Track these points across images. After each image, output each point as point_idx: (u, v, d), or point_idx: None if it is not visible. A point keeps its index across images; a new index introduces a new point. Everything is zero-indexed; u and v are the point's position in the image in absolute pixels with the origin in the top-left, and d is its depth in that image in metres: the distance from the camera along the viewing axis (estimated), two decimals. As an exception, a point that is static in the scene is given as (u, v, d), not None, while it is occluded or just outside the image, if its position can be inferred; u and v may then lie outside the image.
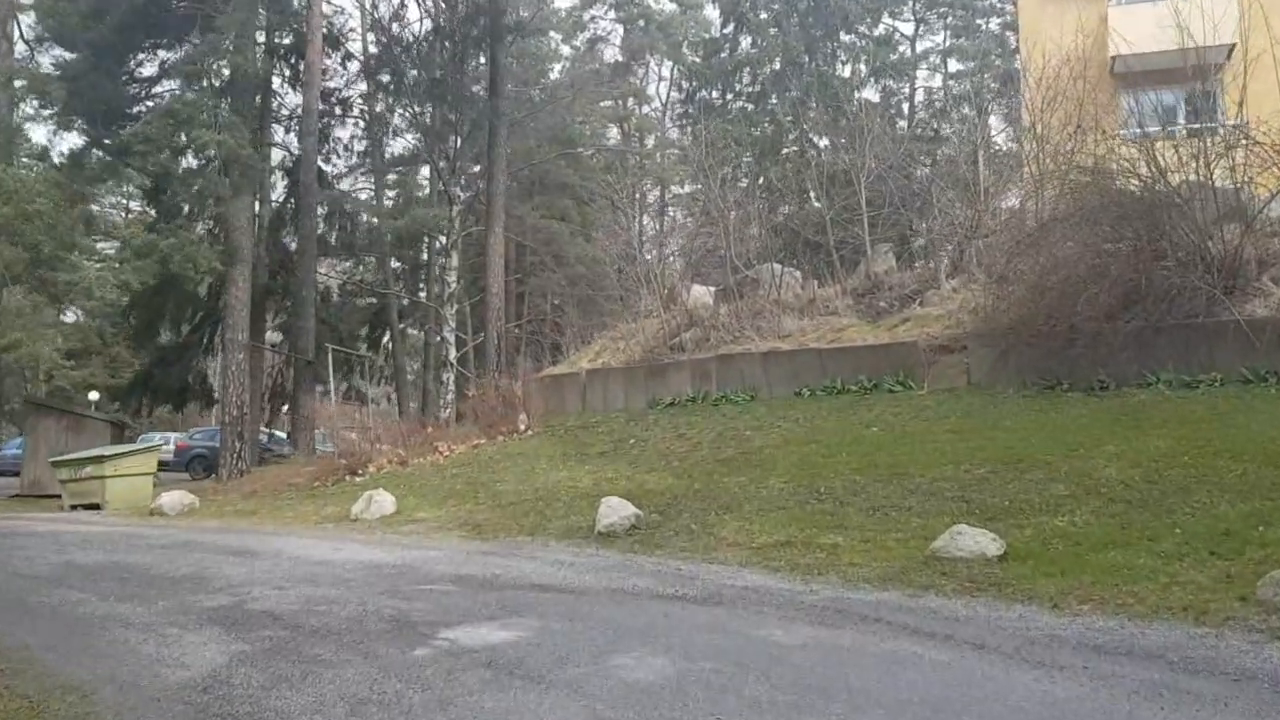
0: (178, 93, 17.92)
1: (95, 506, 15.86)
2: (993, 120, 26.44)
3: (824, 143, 34.27)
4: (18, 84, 19.36)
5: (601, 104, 45.91)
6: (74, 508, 16.09)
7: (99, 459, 15.97)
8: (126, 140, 17.39)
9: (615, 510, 10.00)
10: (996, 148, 24.72)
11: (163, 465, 40.20)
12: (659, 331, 19.90)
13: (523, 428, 17.34)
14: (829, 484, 10.33)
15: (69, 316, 58.31)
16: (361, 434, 17.78)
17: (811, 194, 27.56)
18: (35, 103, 20.21)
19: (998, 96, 30.43)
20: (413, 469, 15.49)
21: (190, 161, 21.33)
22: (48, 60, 20.75)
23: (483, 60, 28.02)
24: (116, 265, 30.00)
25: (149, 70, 21.72)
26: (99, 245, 55.15)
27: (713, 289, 22.97)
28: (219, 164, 18.12)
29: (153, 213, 23.74)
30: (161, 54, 21.06)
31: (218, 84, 19.88)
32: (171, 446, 39.91)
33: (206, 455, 30.01)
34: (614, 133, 49.54)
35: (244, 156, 18.40)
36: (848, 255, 20.80)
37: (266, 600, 7.14)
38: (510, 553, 9.20)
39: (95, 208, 60.50)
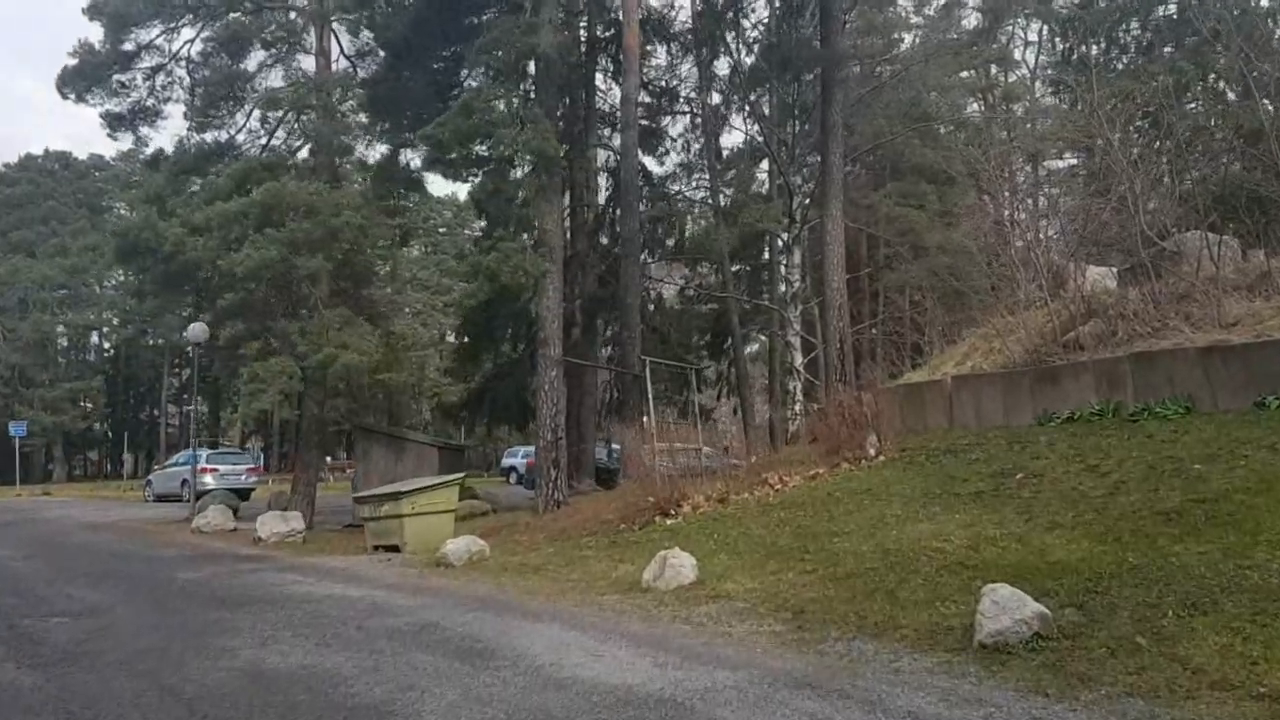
0: (475, 87, 16.35)
1: (394, 548, 14.33)
2: None
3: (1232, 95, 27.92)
4: (334, 96, 18.70)
5: (960, 74, 41.22)
6: (376, 548, 14.68)
7: (395, 496, 14.43)
8: (422, 142, 16.01)
9: (1006, 608, 6.44)
10: None
11: (519, 479, 40.97)
12: (1046, 326, 15.78)
13: (872, 452, 13.92)
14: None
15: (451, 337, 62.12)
16: (675, 463, 15.14)
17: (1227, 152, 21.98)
18: (348, 114, 19.54)
19: None
20: (734, 508, 12.55)
21: (518, 172, 20.08)
22: (364, 74, 20.26)
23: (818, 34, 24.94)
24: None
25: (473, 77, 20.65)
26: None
27: (1113, 269, 18.48)
28: (526, 163, 16.29)
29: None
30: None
31: (521, 77, 18.17)
32: (523, 463, 40.27)
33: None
34: (975, 106, 44.48)
35: (548, 151, 16.45)
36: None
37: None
38: (839, 682, 5.93)
39: (468, 232, 64.03)
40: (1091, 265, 18.48)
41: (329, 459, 50.87)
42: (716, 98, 30.35)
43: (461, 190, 70.71)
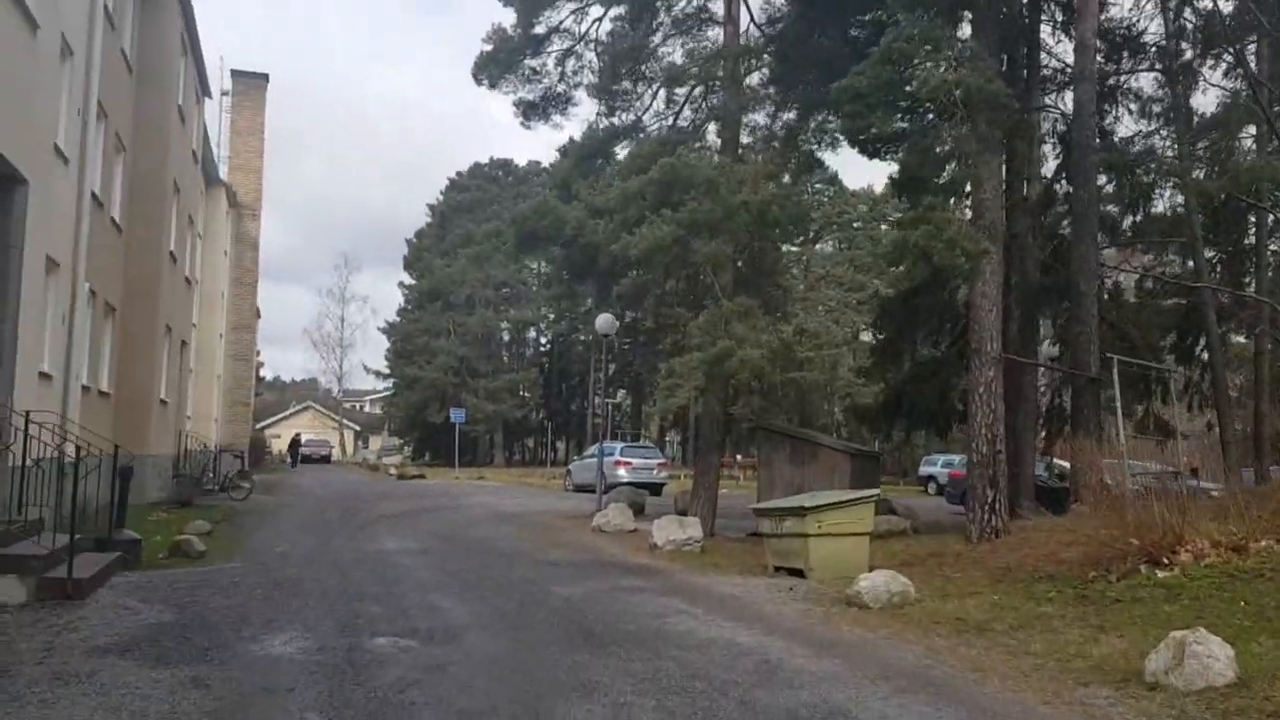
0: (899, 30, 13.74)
1: (798, 572, 12.19)
2: None
3: None
4: (742, 66, 16.95)
5: None
6: (777, 570, 12.63)
7: (799, 512, 12.26)
8: (837, 99, 13.68)
9: None
10: None
11: (939, 490, 37.46)
12: None
13: None
14: None
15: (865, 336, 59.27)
16: (1163, 488, 11.61)
17: None
18: (757, 88, 17.79)
19: None
20: (1259, 561, 9.06)
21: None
22: (772, 42, 18.33)
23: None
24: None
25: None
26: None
27: None
28: (959, 109, 13.44)
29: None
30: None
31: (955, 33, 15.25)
32: (944, 472, 36.78)
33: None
34: None
35: (990, 93, 13.54)
36: None
37: None
38: None
39: (884, 227, 60.72)
40: None
41: (738, 456, 50.24)
42: (1188, 52, 25.30)
43: (878, 179, 67.69)
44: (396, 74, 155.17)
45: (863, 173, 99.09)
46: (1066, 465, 26.52)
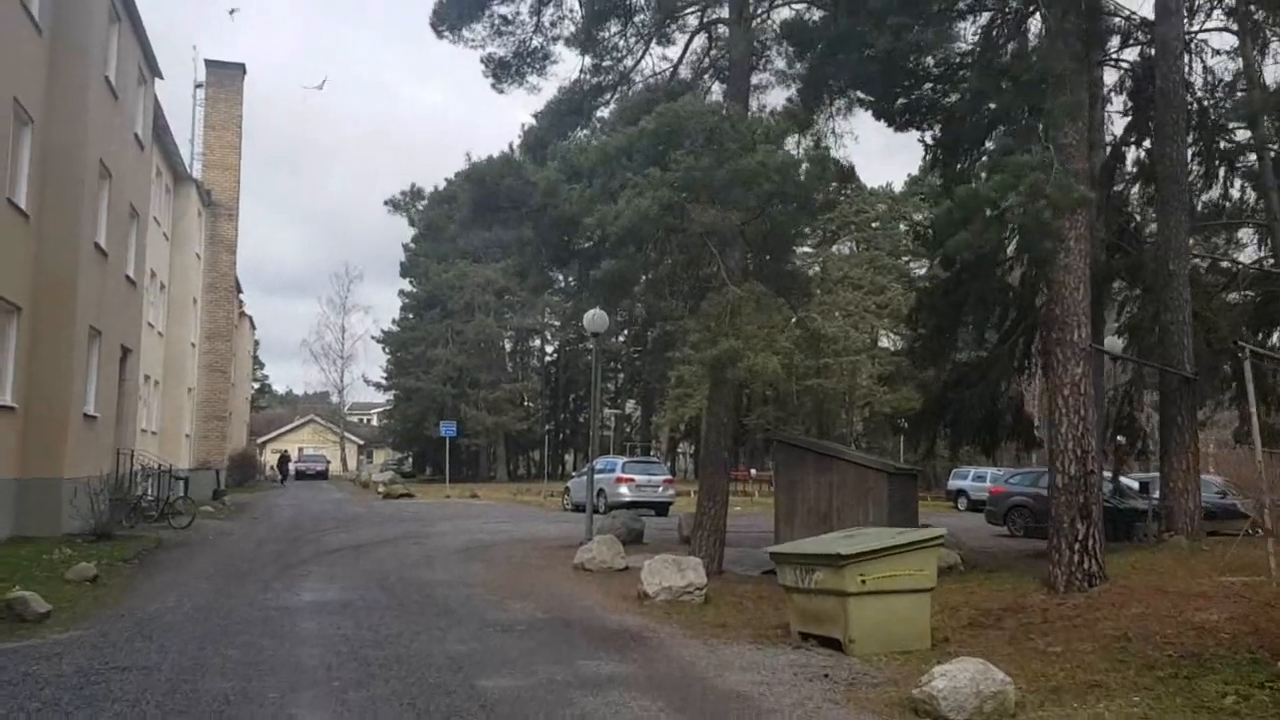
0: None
1: (833, 643, 8.94)
2: None
3: None
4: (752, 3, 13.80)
5: None
6: (805, 638, 9.36)
7: (834, 560, 8.94)
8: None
9: None
10: None
11: (974, 508, 33.89)
12: None
13: None
14: None
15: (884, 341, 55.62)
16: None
17: None
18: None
19: None
20: None
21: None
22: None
23: None
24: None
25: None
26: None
27: None
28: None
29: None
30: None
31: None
32: (985, 487, 33.23)
33: (1032, 507, 22.38)
34: None
35: (1066, 24, 10.33)
36: None
37: None
38: None
39: (903, 225, 57.18)
40: None
41: (753, 470, 46.91)
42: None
43: (897, 177, 64.01)
44: (422, 82, 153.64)
45: (881, 171, 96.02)
46: (1133, 484, 23.15)
